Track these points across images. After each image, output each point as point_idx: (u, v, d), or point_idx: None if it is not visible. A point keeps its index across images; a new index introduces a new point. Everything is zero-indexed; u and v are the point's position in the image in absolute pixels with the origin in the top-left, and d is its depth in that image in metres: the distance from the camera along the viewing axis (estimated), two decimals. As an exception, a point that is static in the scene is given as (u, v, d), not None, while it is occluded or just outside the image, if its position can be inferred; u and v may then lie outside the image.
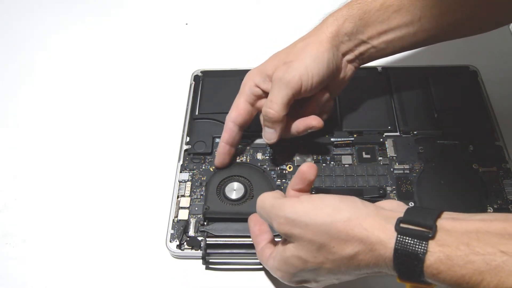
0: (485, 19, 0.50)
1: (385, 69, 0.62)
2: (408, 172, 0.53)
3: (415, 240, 0.33)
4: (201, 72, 0.64)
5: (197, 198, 0.52)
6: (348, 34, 0.49)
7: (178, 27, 0.74)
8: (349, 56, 0.51)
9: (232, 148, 0.53)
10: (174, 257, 0.50)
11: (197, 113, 0.59)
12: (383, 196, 0.51)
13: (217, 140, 0.56)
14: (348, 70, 0.51)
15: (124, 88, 0.66)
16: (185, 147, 0.56)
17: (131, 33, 0.73)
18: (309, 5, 0.75)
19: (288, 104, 0.48)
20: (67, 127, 0.62)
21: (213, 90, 0.61)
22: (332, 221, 0.36)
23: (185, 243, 0.49)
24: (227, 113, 0.53)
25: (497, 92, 0.60)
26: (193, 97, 0.62)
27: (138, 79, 0.67)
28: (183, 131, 0.58)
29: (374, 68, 0.62)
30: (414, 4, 0.48)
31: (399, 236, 0.33)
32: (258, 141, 0.56)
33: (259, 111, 0.52)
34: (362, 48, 0.50)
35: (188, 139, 0.57)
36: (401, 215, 0.35)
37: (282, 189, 0.52)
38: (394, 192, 0.51)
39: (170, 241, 0.49)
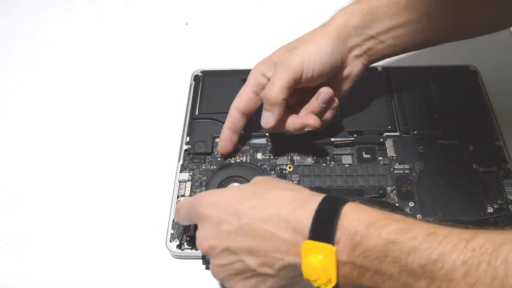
0: (493, 18, 0.50)
1: (385, 69, 0.62)
2: (408, 172, 0.53)
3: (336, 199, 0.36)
4: (201, 72, 0.64)
5: (197, 198, 0.52)
6: (356, 28, 0.49)
7: (178, 27, 0.74)
8: (357, 51, 0.51)
9: (235, 135, 0.53)
10: (174, 257, 0.50)
11: (197, 113, 0.59)
12: (383, 196, 0.51)
13: (217, 139, 0.56)
14: (355, 66, 0.51)
15: (124, 88, 0.66)
16: (185, 147, 0.56)
17: (131, 33, 0.73)
18: (309, 5, 0.75)
19: (288, 88, 0.48)
20: (67, 127, 0.62)
21: (213, 90, 0.61)
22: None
23: (185, 243, 0.49)
24: (227, 113, 0.53)
25: (497, 92, 0.60)
26: (193, 97, 0.62)
27: (138, 79, 0.67)
28: (183, 131, 0.58)
29: (374, 68, 0.62)
30: (422, 1, 0.48)
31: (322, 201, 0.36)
32: (258, 141, 0.56)
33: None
34: (370, 43, 0.50)
35: (188, 139, 0.57)
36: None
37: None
38: (394, 192, 0.51)
39: (170, 241, 0.49)
